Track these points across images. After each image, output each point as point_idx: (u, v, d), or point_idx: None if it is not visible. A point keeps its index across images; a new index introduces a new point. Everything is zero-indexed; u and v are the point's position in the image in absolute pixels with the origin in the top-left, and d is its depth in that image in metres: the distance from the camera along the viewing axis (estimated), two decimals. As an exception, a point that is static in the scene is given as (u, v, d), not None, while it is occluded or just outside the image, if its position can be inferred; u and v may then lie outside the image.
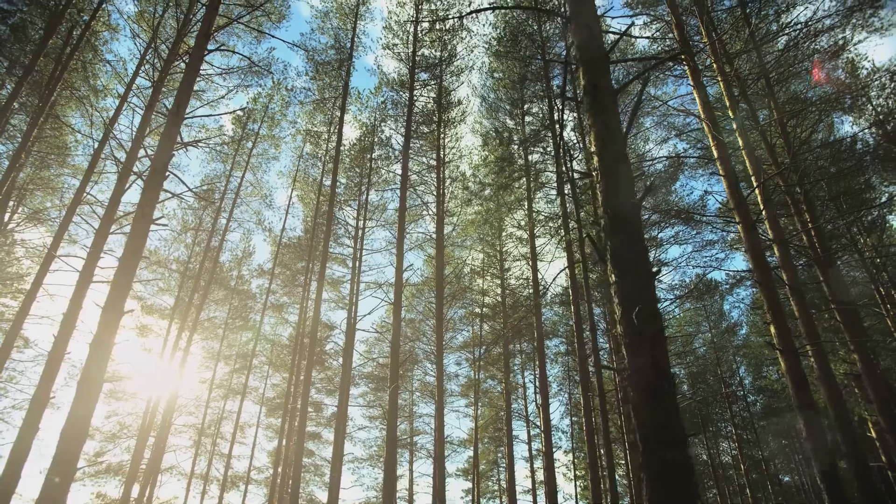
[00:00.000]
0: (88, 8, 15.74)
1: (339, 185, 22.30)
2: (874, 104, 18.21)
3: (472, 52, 20.87)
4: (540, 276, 18.11)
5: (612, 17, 10.93)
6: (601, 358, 24.13)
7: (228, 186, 23.26)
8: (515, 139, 19.61)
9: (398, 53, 20.01)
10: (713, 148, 10.61)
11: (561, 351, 29.90)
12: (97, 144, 14.74)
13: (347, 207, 23.62)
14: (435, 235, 18.77)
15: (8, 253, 19.01)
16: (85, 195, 15.01)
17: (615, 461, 28.78)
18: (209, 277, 21.93)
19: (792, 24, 14.87)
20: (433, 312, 21.77)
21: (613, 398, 21.86)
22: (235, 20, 12.72)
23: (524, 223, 19.98)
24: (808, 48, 15.69)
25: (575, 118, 17.34)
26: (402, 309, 16.18)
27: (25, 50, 15.78)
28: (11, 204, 17.76)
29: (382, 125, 22.19)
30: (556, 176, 17.10)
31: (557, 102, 17.87)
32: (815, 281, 18.15)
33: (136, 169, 13.70)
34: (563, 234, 16.16)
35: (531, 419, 28.43)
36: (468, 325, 28.72)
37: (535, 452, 28.73)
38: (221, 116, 28.11)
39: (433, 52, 20.38)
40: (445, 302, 21.02)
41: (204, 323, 25.68)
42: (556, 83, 18.29)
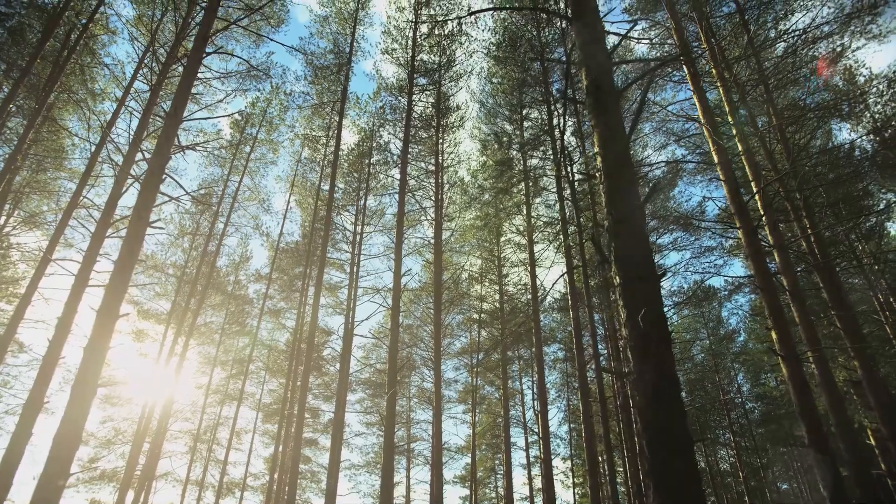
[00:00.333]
0: (86, 10, 15.69)
1: (337, 189, 22.25)
2: (872, 111, 18.24)
3: (470, 57, 20.90)
4: (539, 281, 18.05)
5: (610, 21, 10.92)
6: (601, 363, 24.03)
7: (226, 191, 23.19)
8: (515, 144, 19.59)
9: (397, 58, 20.01)
10: (713, 153, 10.57)
11: (559, 357, 29.82)
12: (94, 148, 14.67)
13: (345, 212, 23.58)
14: (433, 241, 18.71)
15: (3, 256, 18.88)
16: (81, 199, 14.92)
17: (615, 467, 28.65)
18: (206, 282, 21.80)
19: (790, 30, 14.92)
20: (431, 318, 21.67)
21: (611, 404, 21.75)
22: (234, 23, 12.67)
23: (523, 228, 19.93)
24: (806, 55, 15.74)
25: (574, 123, 17.32)
26: (399, 314, 16.08)
27: (23, 53, 15.72)
28: (7, 207, 17.65)
29: (381, 130, 22.20)
30: (555, 180, 17.05)
31: (558, 106, 17.86)
32: (814, 287, 18.13)
33: (133, 172, 13.62)
34: (562, 238, 16.10)
35: (529, 426, 28.32)
36: (466, 331, 28.64)
37: (532, 459, 28.62)
38: (219, 121, 28.08)
39: (432, 57, 20.39)
40: (443, 308, 20.95)
41: (200, 328, 25.53)
42: (555, 87, 18.31)
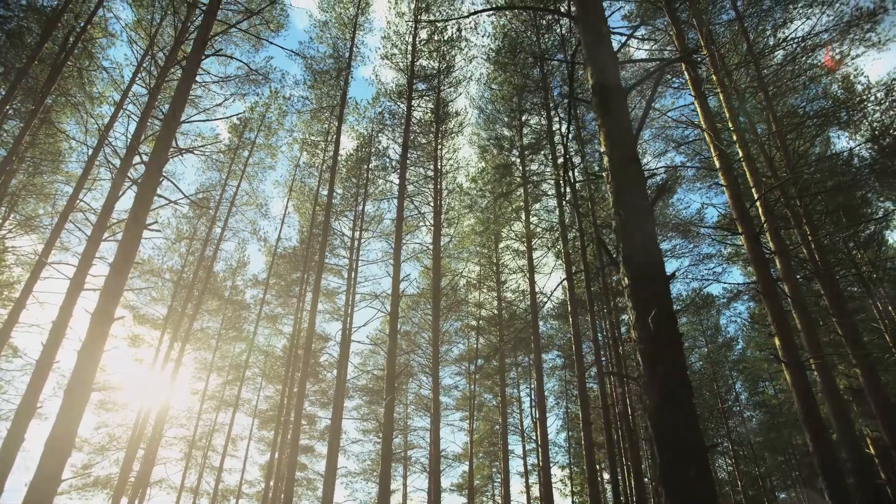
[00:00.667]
0: (85, 13, 15.64)
1: (335, 195, 22.18)
2: (870, 120, 18.27)
3: (470, 62, 20.89)
4: (537, 288, 17.96)
5: (610, 27, 10.86)
6: (593, 373, 23.92)
7: (224, 195, 23.10)
8: (515, 149, 19.56)
9: (396, 63, 20.00)
10: (715, 158, 10.53)
11: (557, 365, 29.69)
12: (91, 151, 14.58)
13: (343, 218, 23.49)
14: (431, 246, 18.63)
15: (-2, 260, 18.75)
16: (78, 202, 14.82)
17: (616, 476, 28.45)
18: (203, 287, 21.65)
19: (789, 38, 14.95)
20: (429, 324, 21.55)
21: (609, 412, 21.60)
22: (233, 26, 12.63)
23: (521, 234, 19.86)
24: (804, 62, 15.78)
25: (573, 130, 17.29)
26: (398, 320, 15.97)
27: (21, 56, 15.64)
28: (3, 210, 17.53)
29: (380, 135, 22.14)
30: (554, 185, 17.00)
31: (560, 110, 17.84)
32: (813, 295, 18.09)
33: (130, 175, 13.52)
34: (561, 244, 16.03)
35: (527, 433, 28.14)
36: (464, 337, 28.51)
37: (530, 468, 28.41)
38: (217, 126, 28.01)
39: (431, 62, 20.38)
40: (441, 314, 20.84)
41: (197, 333, 25.36)
42: (556, 92, 18.31)
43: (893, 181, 18.31)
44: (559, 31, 17.83)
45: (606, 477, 28.90)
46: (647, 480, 23.31)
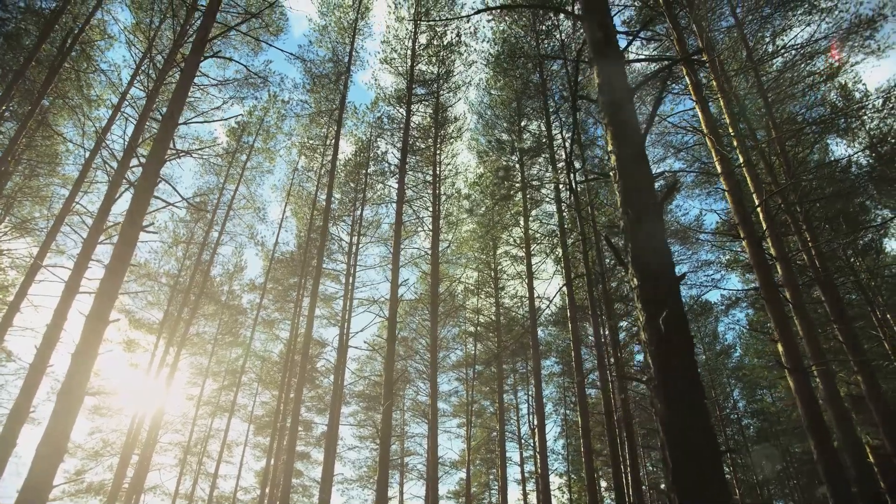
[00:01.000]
0: (83, 14, 15.57)
1: (333, 200, 22.09)
2: (868, 127, 18.29)
3: (469, 67, 20.88)
4: (536, 293, 17.88)
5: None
6: (591, 379, 23.79)
7: (221, 199, 23.00)
8: (514, 157, 19.51)
9: (396, 68, 19.98)
10: (716, 163, 10.48)
11: (555, 371, 29.56)
12: (88, 154, 14.48)
13: (341, 223, 23.41)
14: (430, 251, 18.54)
15: (-7, 263, 18.58)
16: (74, 205, 14.70)
17: (611, 483, 28.29)
18: (199, 291, 21.51)
19: (788, 45, 14.98)
20: (426, 330, 21.44)
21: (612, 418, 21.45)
22: (233, 27, 12.57)
23: (520, 240, 19.79)
24: (803, 69, 15.81)
25: (572, 135, 17.24)
26: (396, 325, 15.86)
27: (19, 59, 15.55)
28: (-2, 212, 17.40)
29: (378, 140, 22.12)
30: (554, 189, 16.94)
31: (560, 114, 17.82)
32: (813, 301, 18.03)
33: (128, 178, 13.42)
34: (560, 248, 15.96)
35: (524, 440, 27.98)
36: (461, 344, 28.38)
37: (527, 475, 28.22)
38: (215, 129, 27.94)
39: (430, 67, 20.37)
40: (439, 320, 20.71)
41: (193, 338, 25.17)
42: (557, 96, 18.30)
43: (891, 189, 18.33)
44: (559, 36, 17.84)
45: (604, 485, 28.77)
46: (644, 488, 23.17)
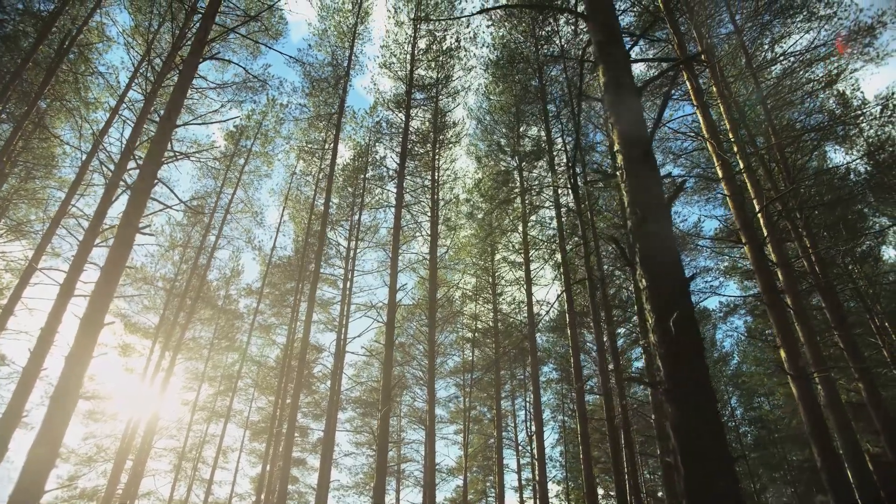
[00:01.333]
0: (81, 16, 15.51)
1: (331, 204, 22.01)
2: (866, 135, 18.31)
3: (468, 72, 20.86)
4: (534, 299, 17.80)
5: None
6: (589, 386, 23.67)
7: (219, 203, 22.88)
8: (513, 162, 19.48)
9: (395, 72, 19.94)
10: (718, 168, 10.44)
11: (553, 378, 29.42)
12: (85, 156, 14.38)
13: (339, 227, 23.33)
14: (428, 256, 18.45)
15: (-13, 265, 18.42)
16: (70, 207, 14.60)
17: (608, 490, 28.14)
18: (196, 296, 21.36)
19: (787, 52, 15.01)
20: (424, 335, 21.32)
21: (603, 426, 21.35)
22: (232, 30, 12.52)
23: (519, 246, 19.72)
24: (802, 77, 15.84)
25: (573, 136, 17.23)
26: (394, 330, 15.75)
27: (16, 60, 15.46)
28: (-7, 215, 17.27)
29: (377, 145, 22.04)
30: (553, 193, 16.89)
31: (561, 117, 17.79)
32: (813, 308, 17.98)
33: (125, 180, 13.32)
34: (559, 254, 15.89)
35: (522, 447, 27.83)
36: (459, 349, 28.26)
37: (524, 482, 28.05)
38: (213, 133, 27.83)
39: (430, 72, 20.34)
40: (437, 325, 20.61)
41: (189, 343, 25.00)
42: (557, 100, 18.28)
43: (889, 196, 18.34)
44: (559, 41, 17.84)
45: (601, 492, 28.58)
46: (642, 496, 23.00)
